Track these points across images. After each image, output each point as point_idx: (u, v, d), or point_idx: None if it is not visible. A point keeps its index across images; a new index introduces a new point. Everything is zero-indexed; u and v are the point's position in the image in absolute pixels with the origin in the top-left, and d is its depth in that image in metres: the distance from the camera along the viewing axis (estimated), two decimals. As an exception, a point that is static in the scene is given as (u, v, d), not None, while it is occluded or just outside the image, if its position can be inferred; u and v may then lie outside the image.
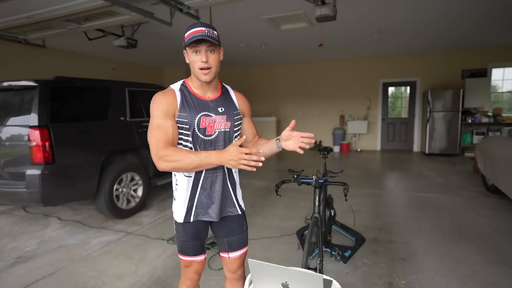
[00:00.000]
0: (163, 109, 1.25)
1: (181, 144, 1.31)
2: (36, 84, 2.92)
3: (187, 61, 1.29)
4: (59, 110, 3.04)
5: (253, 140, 1.51)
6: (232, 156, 1.15)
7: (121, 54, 7.16)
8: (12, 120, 3.02)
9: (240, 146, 1.45)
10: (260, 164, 1.16)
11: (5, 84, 3.02)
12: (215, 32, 1.25)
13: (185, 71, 9.35)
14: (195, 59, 1.23)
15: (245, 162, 1.14)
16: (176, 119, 1.27)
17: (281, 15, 4.71)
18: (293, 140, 1.30)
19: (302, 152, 1.30)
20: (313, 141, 1.30)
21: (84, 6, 3.78)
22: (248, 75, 9.69)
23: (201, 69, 1.23)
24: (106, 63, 7.62)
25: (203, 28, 1.21)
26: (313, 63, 8.99)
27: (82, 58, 7.10)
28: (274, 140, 1.38)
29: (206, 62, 1.22)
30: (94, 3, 3.69)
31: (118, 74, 7.65)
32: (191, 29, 1.23)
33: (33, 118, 2.85)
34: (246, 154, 1.14)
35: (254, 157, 1.14)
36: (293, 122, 1.29)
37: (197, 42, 1.20)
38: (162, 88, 4.50)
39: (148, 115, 4.47)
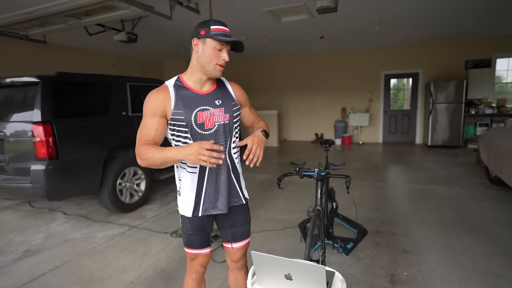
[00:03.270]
0: (151, 108, 1.26)
1: (180, 141, 1.30)
2: (38, 80, 2.93)
3: (198, 51, 1.25)
4: (61, 106, 3.06)
5: (252, 125, 1.56)
6: (191, 151, 1.12)
7: (121, 49, 7.14)
8: (16, 116, 3.03)
9: (240, 135, 1.45)
10: (221, 161, 1.15)
11: (8, 80, 3.03)
12: None
13: (186, 65, 9.27)
14: (217, 55, 1.23)
15: (204, 158, 1.11)
16: (171, 117, 1.26)
17: (282, 7, 4.66)
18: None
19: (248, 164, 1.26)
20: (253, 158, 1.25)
21: (84, 0, 3.75)
22: (249, 68, 9.64)
23: (219, 65, 1.25)
24: (107, 58, 7.60)
25: (228, 29, 1.25)
26: (314, 56, 8.92)
27: (83, 53, 7.09)
28: (260, 131, 1.38)
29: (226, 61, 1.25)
30: (94, -2, 3.67)
31: (119, 69, 7.63)
32: (217, 24, 1.22)
33: (36, 114, 2.87)
34: (207, 150, 1.11)
35: (215, 154, 1.12)
36: (240, 143, 1.34)
37: (227, 42, 1.22)
38: (163, 82, 4.51)
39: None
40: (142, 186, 3.87)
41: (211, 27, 1.21)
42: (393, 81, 8.60)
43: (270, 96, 9.57)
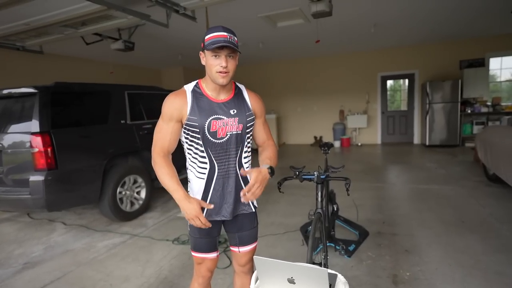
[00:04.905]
0: (169, 112, 1.29)
1: (192, 145, 1.32)
2: (36, 91, 2.94)
3: (203, 62, 1.29)
4: (59, 116, 3.06)
5: (262, 145, 1.51)
6: (189, 212, 1.24)
7: (119, 58, 7.16)
8: (14, 127, 3.03)
9: (252, 147, 1.45)
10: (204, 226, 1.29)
11: (5, 91, 3.03)
12: (235, 38, 1.25)
13: (183, 72, 9.36)
14: (214, 62, 1.23)
15: (195, 225, 1.26)
16: (186, 122, 1.28)
17: (277, 13, 4.71)
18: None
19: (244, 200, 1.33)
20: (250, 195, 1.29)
21: (81, 11, 3.78)
22: (246, 73, 9.68)
23: (219, 72, 1.23)
24: (104, 67, 7.62)
25: (225, 33, 1.20)
26: (311, 59, 8.98)
27: (80, 62, 7.10)
28: (263, 165, 1.37)
29: (226, 67, 1.22)
30: (90, 8, 3.70)
31: (116, 78, 7.65)
32: (212, 32, 1.22)
33: (34, 125, 2.86)
34: (200, 219, 1.25)
35: (201, 224, 1.26)
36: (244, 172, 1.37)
37: (219, 48, 1.20)
38: (161, 90, 4.51)
39: (148, 117, 4.41)
40: (143, 194, 3.86)
41: (206, 37, 1.24)
42: (389, 82, 8.66)
43: (268, 100, 9.60)
